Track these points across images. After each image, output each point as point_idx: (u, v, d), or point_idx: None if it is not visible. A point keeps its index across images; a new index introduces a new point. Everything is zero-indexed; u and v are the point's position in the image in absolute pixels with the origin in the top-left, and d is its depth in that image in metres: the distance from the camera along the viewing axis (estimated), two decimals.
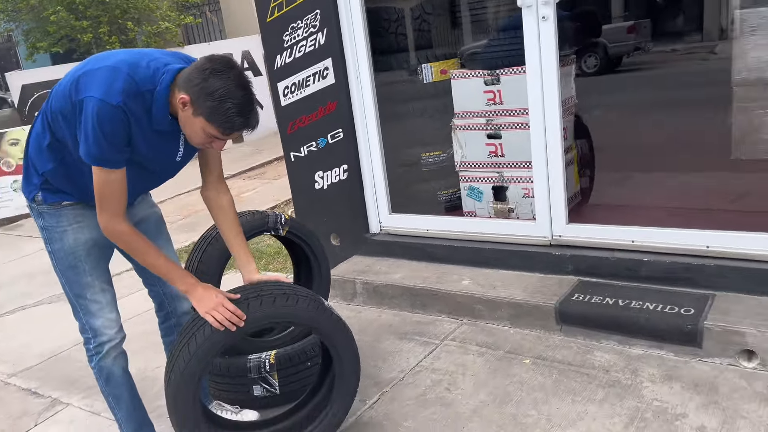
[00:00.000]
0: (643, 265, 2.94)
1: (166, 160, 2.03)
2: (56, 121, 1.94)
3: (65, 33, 9.75)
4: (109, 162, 1.85)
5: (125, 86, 1.80)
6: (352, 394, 2.30)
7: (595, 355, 2.72)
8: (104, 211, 1.91)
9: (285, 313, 2.10)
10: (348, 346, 2.24)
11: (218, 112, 1.78)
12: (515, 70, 3.38)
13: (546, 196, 3.20)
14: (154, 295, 2.33)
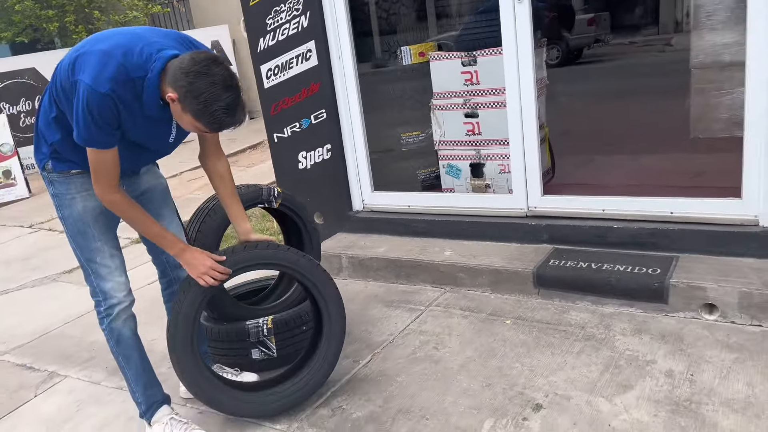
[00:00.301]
0: (612, 232, 3.16)
1: (160, 140, 2.13)
2: (59, 97, 2.03)
3: (30, 23, 9.57)
4: (99, 143, 1.94)
5: (115, 73, 1.86)
6: (340, 334, 2.48)
7: (571, 315, 2.93)
8: (98, 183, 2.02)
9: (266, 254, 2.32)
10: (330, 288, 2.46)
11: (205, 114, 1.86)
12: (491, 51, 3.55)
13: (522, 170, 3.40)
14: (157, 263, 2.44)
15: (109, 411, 2.66)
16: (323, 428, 2.34)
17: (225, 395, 2.35)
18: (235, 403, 2.37)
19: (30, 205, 7.04)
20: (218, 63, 1.88)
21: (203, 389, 2.31)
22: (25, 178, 7.49)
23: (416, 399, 2.44)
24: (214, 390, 2.33)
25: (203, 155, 2.29)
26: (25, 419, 2.70)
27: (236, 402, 2.37)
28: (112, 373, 2.97)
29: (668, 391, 2.28)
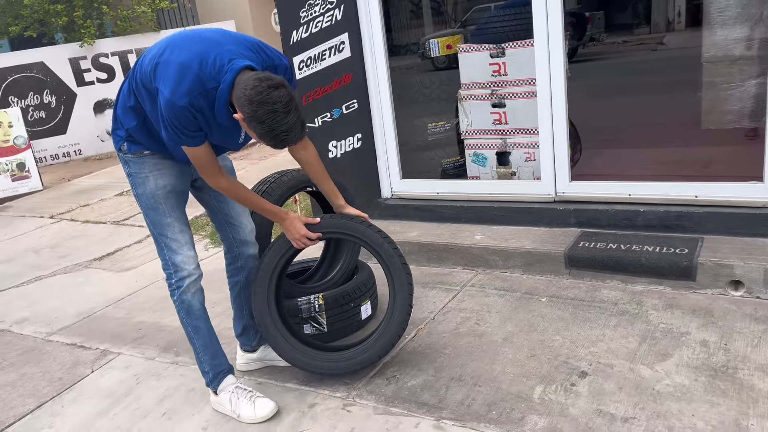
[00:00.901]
0: (639, 215, 3.32)
1: (230, 141, 2.26)
2: (139, 91, 2.16)
3: (38, 17, 9.60)
4: (189, 143, 2.10)
5: (191, 86, 1.98)
6: (407, 307, 2.59)
7: (603, 293, 3.08)
8: (205, 174, 2.21)
9: (355, 228, 2.56)
10: (402, 273, 2.59)
11: (268, 137, 1.99)
12: (519, 44, 3.71)
13: (551, 157, 3.55)
14: (224, 239, 2.56)
15: (168, 383, 2.78)
16: (381, 395, 2.48)
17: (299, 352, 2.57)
18: (307, 360, 2.55)
19: (45, 197, 7.11)
20: (278, 88, 1.94)
21: (278, 342, 2.54)
22: (38, 171, 7.55)
23: (466, 368, 2.58)
24: (288, 344, 2.56)
25: (291, 148, 2.41)
26: (87, 392, 2.81)
27: (308, 359, 2.55)
28: (164, 350, 3.10)
29: (705, 359, 2.44)
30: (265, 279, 2.55)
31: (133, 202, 6.30)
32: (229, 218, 2.51)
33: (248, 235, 2.56)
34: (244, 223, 2.54)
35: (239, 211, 2.52)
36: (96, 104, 9.65)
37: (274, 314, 2.57)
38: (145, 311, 3.61)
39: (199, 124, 2.06)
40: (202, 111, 2.03)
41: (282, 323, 2.59)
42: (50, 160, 9.41)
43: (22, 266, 4.74)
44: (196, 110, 2.01)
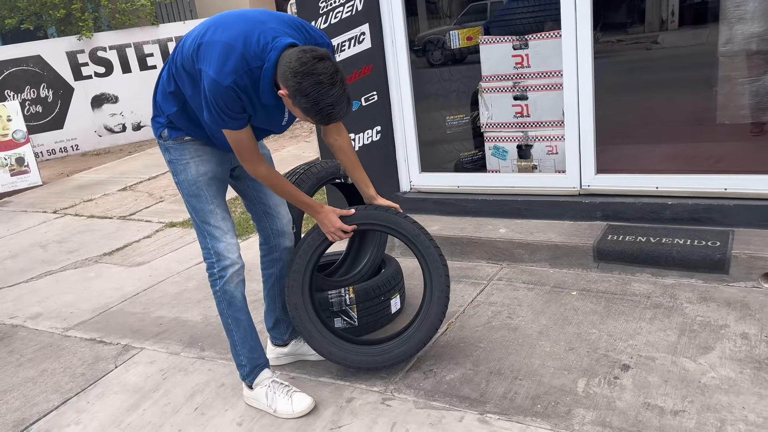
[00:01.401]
0: (667, 208, 3.30)
1: (274, 123, 2.20)
2: (180, 75, 2.10)
3: (35, 9, 9.45)
4: (232, 125, 2.03)
5: (236, 66, 1.93)
6: (444, 300, 2.54)
7: (634, 286, 3.05)
8: (244, 160, 2.15)
9: (392, 219, 2.51)
10: (438, 264, 2.53)
11: (313, 111, 1.94)
12: (543, 35, 3.67)
13: (576, 150, 3.51)
14: (261, 229, 2.50)
15: (197, 379, 2.72)
16: (420, 389, 2.43)
17: (336, 346, 2.52)
18: (343, 354, 2.50)
19: (45, 192, 7.00)
20: (323, 59, 1.92)
21: (311, 333, 2.49)
22: (37, 166, 7.43)
23: (504, 362, 2.54)
24: (321, 336, 2.51)
25: (325, 133, 2.38)
26: (113, 388, 2.74)
27: (343, 352, 2.50)
28: (189, 345, 3.03)
29: (747, 351, 2.41)
30: (300, 272, 2.49)
31: (137, 197, 6.21)
32: (268, 208, 2.45)
33: (286, 225, 2.50)
34: (282, 213, 2.48)
35: (277, 201, 2.46)
36: (93, 99, 9.52)
37: (309, 307, 2.51)
38: (164, 306, 3.53)
39: (243, 105, 2.00)
40: (247, 91, 1.97)
41: (316, 317, 2.53)
42: (47, 155, 9.27)
43: (29, 261, 4.64)
44: (240, 90, 1.95)
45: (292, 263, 2.49)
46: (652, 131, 5.10)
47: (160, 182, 6.67)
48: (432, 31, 5.67)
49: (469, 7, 5.99)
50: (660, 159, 4.19)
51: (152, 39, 9.48)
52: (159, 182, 6.68)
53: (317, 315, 2.54)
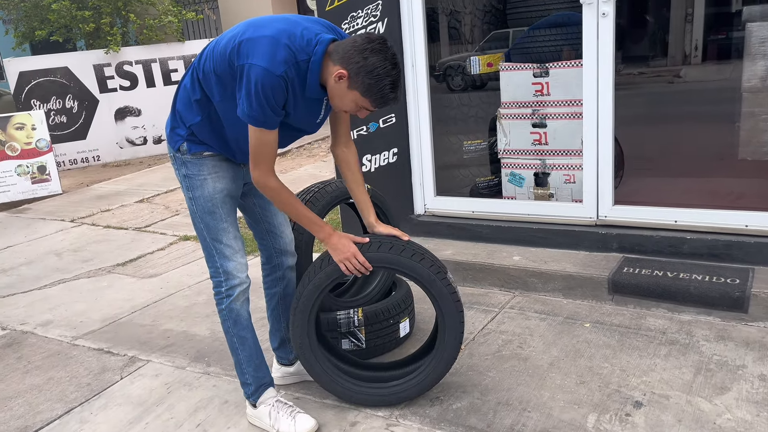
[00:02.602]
0: (686, 243, 3.24)
1: (309, 120, 2.18)
2: (207, 80, 2.09)
3: (65, 22, 9.67)
4: (267, 124, 2.01)
5: (287, 56, 1.95)
6: (455, 343, 2.42)
7: (649, 321, 2.99)
8: (258, 167, 2.07)
9: (406, 263, 2.31)
10: (452, 300, 2.41)
11: (374, 89, 1.96)
12: (564, 64, 3.66)
13: (594, 180, 3.48)
14: (263, 248, 2.48)
15: (200, 394, 2.69)
16: (426, 416, 2.38)
17: (339, 382, 2.44)
18: (349, 393, 2.44)
19: (64, 201, 7.08)
20: (388, 45, 1.99)
21: (317, 372, 2.41)
22: (58, 175, 7.52)
23: (513, 393, 2.48)
24: (327, 375, 2.43)
25: (335, 144, 2.37)
26: (117, 400, 2.72)
27: (350, 392, 2.44)
28: (195, 359, 3.01)
29: (765, 394, 2.33)
30: (305, 312, 2.35)
31: (153, 209, 6.26)
32: (272, 227, 2.43)
33: (288, 245, 2.48)
34: (285, 233, 2.46)
35: (281, 221, 2.45)
36: (117, 111, 9.66)
37: (315, 345, 2.41)
38: (172, 319, 3.53)
39: (287, 98, 2.00)
40: (293, 83, 1.99)
41: (321, 352, 2.45)
42: (69, 164, 9.41)
43: (44, 268, 4.67)
44: (289, 81, 1.97)
45: (298, 303, 2.36)
46: (672, 164, 5.05)
47: (176, 195, 6.71)
48: (453, 56, 5.70)
49: (492, 34, 6.03)
50: (680, 193, 4.13)
51: (177, 55, 9.64)
52: (176, 195, 6.73)
53: (322, 347, 2.47)
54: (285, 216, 2.49)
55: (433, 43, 5.78)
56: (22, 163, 7.34)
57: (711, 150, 5.25)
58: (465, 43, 5.74)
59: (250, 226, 2.50)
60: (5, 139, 7.30)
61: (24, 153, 7.36)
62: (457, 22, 5.02)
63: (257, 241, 2.51)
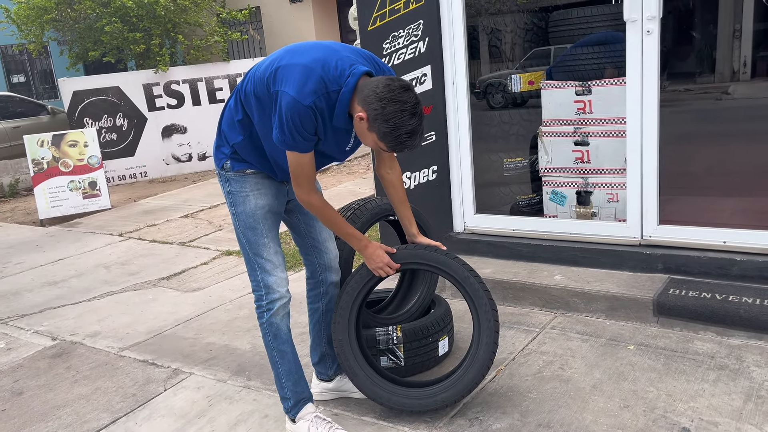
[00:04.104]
0: (735, 264, 3.14)
1: (339, 148, 2.24)
2: (248, 101, 2.17)
3: (117, 44, 10.06)
4: (299, 148, 2.08)
5: (316, 87, 2.01)
6: (491, 345, 2.47)
7: (696, 344, 2.90)
8: (300, 186, 2.16)
9: (443, 260, 2.45)
10: (486, 305, 2.46)
11: (390, 137, 2.01)
12: (607, 82, 3.62)
13: (638, 199, 3.41)
14: (308, 264, 2.53)
15: (241, 408, 2.73)
16: None
17: (379, 387, 2.48)
18: (387, 395, 2.47)
19: (113, 215, 7.31)
20: (409, 90, 2.01)
21: (354, 372, 2.47)
22: (107, 190, 7.79)
23: (554, 415, 2.44)
24: (364, 373, 2.49)
25: (379, 164, 2.42)
26: (160, 411, 2.78)
27: (387, 394, 2.47)
28: (236, 373, 3.06)
29: None
30: (346, 309, 2.48)
31: (198, 224, 6.40)
32: (317, 243, 2.48)
33: (333, 260, 2.52)
34: (330, 248, 2.50)
35: (326, 237, 2.49)
36: (164, 129, 9.97)
37: (354, 345, 2.50)
38: (214, 333, 3.59)
39: (317, 127, 2.06)
40: (322, 112, 2.04)
41: (362, 355, 2.51)
42: (117, 180, 9.72)
43: (93, 281, 4.83)
44: (318, 111, 2.02)
45: (340, 299, 2.49)
46: (720, 183, 4.91)
47: (220, 211, 6.86)
48: (493, 74, 5.70)
49: (533, 52, 6.02)
50: (728, 212, 4.01)
51: (222, 74, 9.90)
52: (219, 211, 6.88)
53: (362, 353, 2.52)
54: (330, 232, 2.54)
55: (474, 60, 5.80)
56: (74, 179, 7.63)
57: (761, 169, 5.09)
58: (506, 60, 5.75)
59: (296, 242, 2.55)
60: (59, 155, 7.61)
61: (76, 169, 7.65)
62: (497, 41, 5.03)
63: (302, 256, 2.55)
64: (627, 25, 3.24)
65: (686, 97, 13.49)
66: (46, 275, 5.08)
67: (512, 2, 4.79)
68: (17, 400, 3.02)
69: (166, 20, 9.79)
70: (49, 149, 7.55)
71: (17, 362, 3.45)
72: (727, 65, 16.43)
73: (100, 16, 9.82)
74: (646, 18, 3.17)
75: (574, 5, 4.25)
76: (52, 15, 10.40)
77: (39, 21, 10.40)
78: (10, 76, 17.57)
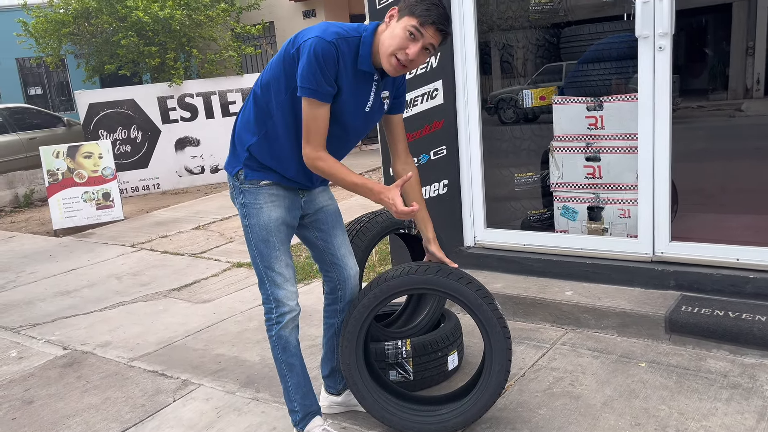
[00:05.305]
0: (749, 282, 3.11)
1: (357, 109, 2.21)
2: (266, 91, 2.20)
3: (133, 57, 10.20)
4: (319, 94, 2.09)
5: (338, 31, 2.11)
6: (503, 372, 2.39)
7: (709, 362, 2.87)
8: (309, 143, 2.15)
9: (453, 286, 2.36)
10: (499, 326, 2.39)
11: (419, 6, 2.06)
12: (619, 98, 3.63)
13: (650, 215, 3.40)
14: (328, 280, 2.52)
15: (249, 420, 2.73)
16: None
17: (388, 408, 2.46)
18: (395, 419, 2.44)
19: (125, 227, 7.37)
20: None
21: (362, 395, 2.43)
22: (120, 202, 7.86)
23: None
24: (373, 397, 2.45)
25: (394, 161, 2.43)
26: (169, 422, 2.78)
27: (396, 418, 2.44)
28: (244, 385, 3.06)
29: None
30: (354, 333, 2.41)
31: (209, 236, 6.44)
32: (336, 259, 2.47)
33: (353, 278, 2.50)
34: (349, 264, 2.49)
35: (345, 252, 2.48)
36: (177, 141, 10.07)
37: (363, 369, 2.45)
38: (224, 344, 3.60)
39: (338, 72, 2.09)
40: (344, 57, 2.09)
41: (370, 377, 2.48)
42: (131, 191, 9.82)
43: (104, 291, 4.86)
44: (340, 53, 2.08)
45: (347, 323, 2.43)
46: (733, 200, 4.88)
47: (231, 223, 6.90)
48: (505, 89, 5.71)
49: (545, 67, 6.05)
50: (742, 229, 3.98)
51: (236, 87, 10.01)
52: (230, 223, 6.92)
53: (371, 374, 2.49)
54: (348, 248, 2.53)
55: (486, 76, 5.83)
56: (88, 190, 7.71)
57: None
58: (517, 76, 5.77)
59: (314, 259, 2.54)
60: (74, 167, 7.70)
61: (90, 180, 7.74)
62: (509, 56, 5.05)
63: (322, 272, 2.54)
64: (639, 41, 3.24)
65: (699, 114, 13.47)
66: (58, 285, 5.12)
67: (524, 18, 4.81)
68: (28, 408, 3.04)
69: (181, 35, 9.93)
70: (64, 160, 7.65)
71: (28, 371, 3.48)
72: (740, 82, 16.37)
73: (116, 30, 9.97)
74: (658, 34, 3.17)
75: (586, 21, 4.27)
76: (70, 29, 10.59)
77: (57, 34, 10.57)
78: (27, 88, 17.88)
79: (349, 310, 2.44)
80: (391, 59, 2.10)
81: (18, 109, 11.22)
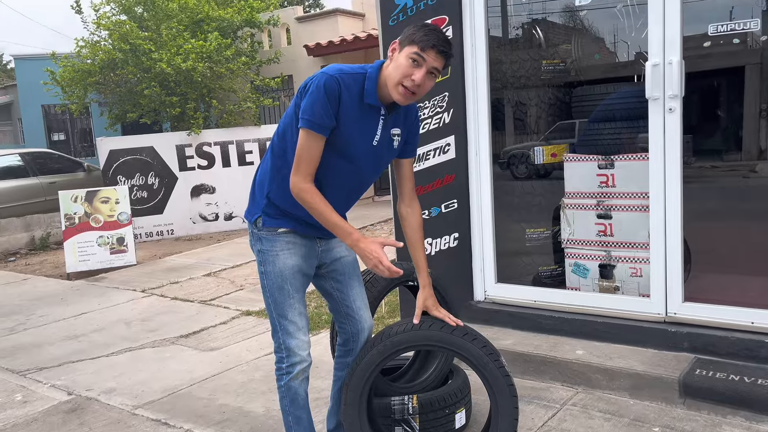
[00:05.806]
0: (764, 347, 3.04)
1: (365, 142, 2.23)
2: (282, 138, 2.27)
3: (154, 107, 10.48)
4: (316, 125, 2.12)
5: (343, 68, 2.19)
6: None
7: (724, 429, 2.79)
8: (298, 172, 2.18)
9: (457, 343, 2.33)
10: (505, 384, 2.35)
11: (418, 33, 2.13)
12: (630, 157, 3.65)
13: (662, 275, 3.37)
14: (342, 332, 2.51)
15: None
16: None
17: None
18: None
19: (137, 272, 7.41)
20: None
21: None
22: (134, 247, 7.93)
23: None
24: None
25: (400, 201, 2.45)
26: None
27: None
28: None
29: None
30: (357, 391, 2.38)
31: (219, 283, 6.45)
32: (350, 311, 2.46)
33: (367, 330, 2.50)
34: (364, 317, 2.49)
35: (361, 305, 2.48)
36: (193, 189, 10.21)
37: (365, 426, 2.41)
38: (229, 394, 3.56)
39: (340, 106, 2.13)
40: (350, 90, 2.14)
41: None
42: (144, 237, 9.91)
43: (113, 336, 4.85)
44: (343, 87, 2.12)
45: (350, 380, 2.40)
46: (748, 262, 4.82)
47: (242, 271, 6.92)
48: (517, 145, 5.79)
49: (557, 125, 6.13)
50: (757, 292, 3.92)
51: (253, 138, 10.21)
52: (241, 271, 6.93)
53: None
54: (365, 301, 2.53)
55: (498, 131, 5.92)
56: (103, 235, 7.80)
57: None
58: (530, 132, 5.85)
59: (330, 309, 2.55)
60: (91, 211, 7.82)
61: (106, 225, 7.84)
62: (522, 113, 5.13)
63: (336, 324, 2.54)
64: (649, 102, 3.29)
65: (713, 174, 13.44)
66: (68, 329, 5.13)
67: (537, 77, 4.91)
68: None
69: (202, 86, 10.20)
70: (82, 205, 7.78)
71: (32, 416, 3.45)
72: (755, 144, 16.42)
73: (140, 81, 10.27)
74: (668, 96, 3.22)
75: (597, 82, 4.35)
76: (96, 78, 10.93)
77: (83, 83, 10.91)
78: (51, 134, 18.35)
79: (353, 366, 2.41)
80: (399, 88, 2.14)
81: (40, 154, 11.49)
